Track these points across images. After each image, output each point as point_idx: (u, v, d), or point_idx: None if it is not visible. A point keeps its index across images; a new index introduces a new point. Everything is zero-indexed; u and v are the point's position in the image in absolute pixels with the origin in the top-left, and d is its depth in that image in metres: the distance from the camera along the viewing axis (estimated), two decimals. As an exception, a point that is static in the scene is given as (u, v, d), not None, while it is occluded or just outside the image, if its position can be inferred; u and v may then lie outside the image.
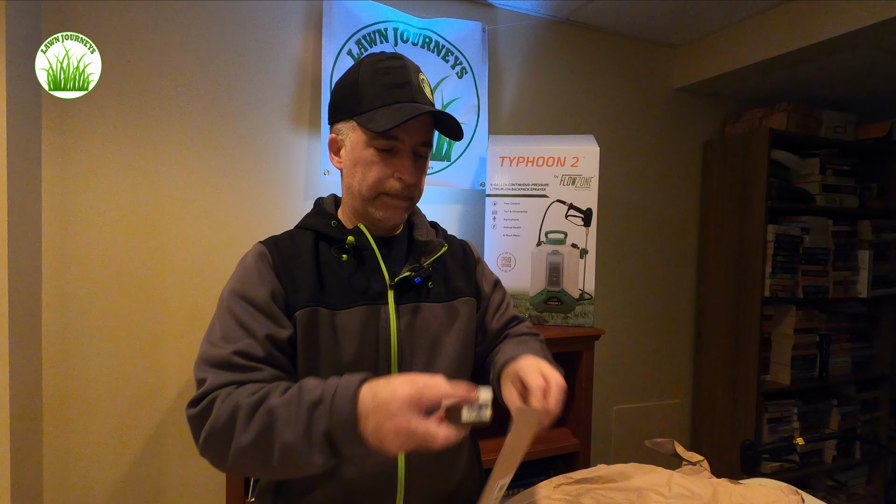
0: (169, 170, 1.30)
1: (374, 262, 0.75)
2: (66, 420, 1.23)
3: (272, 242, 0.77)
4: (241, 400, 0.58)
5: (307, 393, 0.56)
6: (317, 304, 0.70)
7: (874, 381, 2.17)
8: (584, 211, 1.42)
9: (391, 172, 0.73)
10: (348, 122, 0.74)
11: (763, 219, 1.82)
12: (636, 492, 0.75)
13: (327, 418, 0.53)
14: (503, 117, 1.71)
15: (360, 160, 0.73)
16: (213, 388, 0.61)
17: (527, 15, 1.71)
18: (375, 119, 0.69)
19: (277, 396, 0.57)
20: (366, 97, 0.71)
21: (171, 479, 1.33)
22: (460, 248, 0.89)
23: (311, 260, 0.74)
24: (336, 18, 1.40)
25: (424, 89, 0.74)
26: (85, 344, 1.24)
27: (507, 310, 0.89)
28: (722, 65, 1.81)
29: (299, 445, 0.53)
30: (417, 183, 0.76)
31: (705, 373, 2.08)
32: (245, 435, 0.56)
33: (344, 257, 0.74)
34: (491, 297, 0.88)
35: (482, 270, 0.89)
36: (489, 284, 0.89)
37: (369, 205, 0.75)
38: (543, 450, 1.37)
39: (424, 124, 0.73)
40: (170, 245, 1.31)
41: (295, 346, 0.71)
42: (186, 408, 0.62)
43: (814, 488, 2.08)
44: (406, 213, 0.78)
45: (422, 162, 0.77)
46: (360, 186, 0.74)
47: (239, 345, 0.64)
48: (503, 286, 0.93)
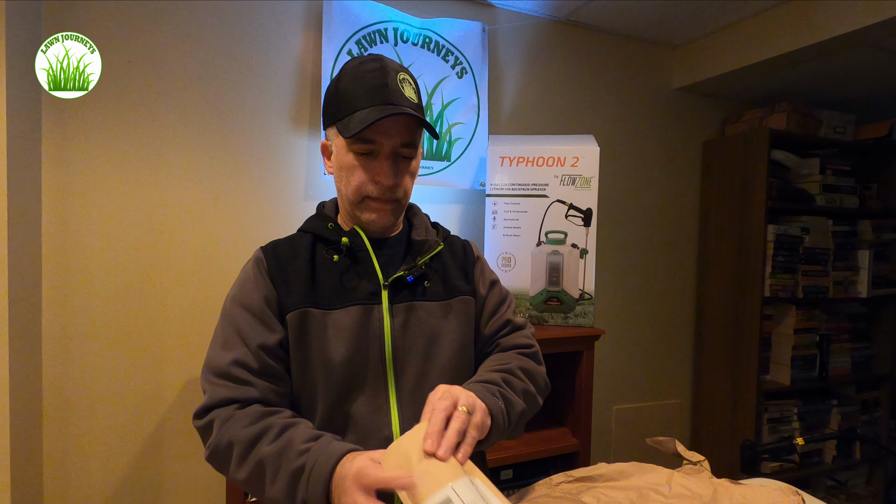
0: (169, 170, 1.30)
1: (369, 263, 0.76)
2: (66, 420, 1.23)
3: (270, 248, 0.78)
4: (236, 434, 0.63)
5: (293, 457, 0.59)
6: (308, 306, 0.72)
7: (874, 381, 2.17)
8: (584, 211, 1.42)
9: (371, 177, 0.73)
10: (332, 128, 0.75)
11: (763, 219, 1.82)
12: (636, 491, 0.75)
13: (304, 489, 0.57)
14: (503, 117, 1.71)
15: (344, 165, 0.74)
16: (213, 404, 0.67)
17: (527, 15, 1.71)
18: (350, 125, 0.70)
19: (269, 444, 0.61)
20: (344, 103, 0.72)
21: (171, 479, 1.33)
22: (461, 247, 0.88)
23: (307, 262, 0.75)
24: (336, 18, 1.40)
25: (404, 90, 0.72)
26: (85, 344, 1.24)
27: (502, 314, 0.85)
28: (722, 65, 1.81)
29: (283, 502, 0.59)
30: (399, 184, 0.75)
31: (705, 373, 2.08)
32: (240, 472, 0.63)
33: (336, 258, 0.75)
34: (486, 298, 0.85)
35: (480, 269, 0.87)
36: (485, 285, 0.86)
37: (356, 209, 0.76)
38: (543, 450, 1.36)
39: (403, 125, 0.72)
40: (170, 245, 1.31)
41: (287, 350, 0.72)
42: (193, 417, 0.69)
43: (814, 488, 2.08)
44: (394, 215, 0.77)
45: (406, 163, 0.75)
46: (346, 191, 0.75)
47: (236, 354, 0.69)
48: (503, 287, 0.90)
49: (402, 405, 0.73)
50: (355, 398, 0.72)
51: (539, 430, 1.45)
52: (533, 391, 0.76)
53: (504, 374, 0.74)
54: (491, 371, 0.74)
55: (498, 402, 0.67)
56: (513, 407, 0.70)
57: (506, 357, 0.79)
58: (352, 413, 0.71)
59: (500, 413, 0.66)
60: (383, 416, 0.71)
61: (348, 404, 0.71)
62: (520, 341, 0.84)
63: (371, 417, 0.71)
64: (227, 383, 0.67)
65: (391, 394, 0.73)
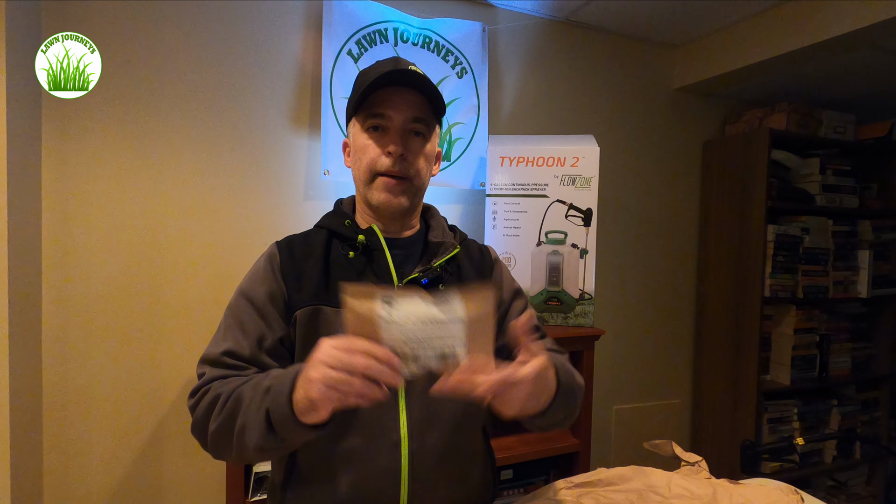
0: (169, 170, 1.30)
1: (384, 262, 0.75)
2: (66, 420, 1.23)
3: (285, 242, 0.78)
4: (218, 390, 0.65)
5: (263, 380, 0.62)
6: (320, 303, 0.71)
7: (874, 381, 2.17)
8: (584, 211, 1.42)
9: (382, 150, 0.74)
10: (351, 122, 0.78)
11: (763, 219, 1.82)
12: (636, 493, 0.75)
13: (269, 400, 0.58)
14: (503, 117, 1.71)
15: (358, 148, 0.76)
16: (205, 383, 0.68)
17: (527, 15, 1.71)
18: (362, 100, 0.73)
19: (244, 384, 0.64)
20: (358, 87, 0.75)
21: (172, 479, 1.33)
22: (477, 250, 0.86)
23: (321, 258, 0.75)
24: (336, 18, 1.40)
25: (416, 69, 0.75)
26: (85, 344, 1.24)
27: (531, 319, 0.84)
28: (722, 65, 1.81)
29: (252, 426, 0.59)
30: (411, 161, 0.75)
31: (705, 373, 2.08)
32: (216, 421, 0.63)
33: (351, 254, 0.74)
34: (512, 303, 0.83)
35: (500, 271, 0.86)
36: (509, 291, 0.84)
37: (368, 190, 0.76)
38: (543, 450, 1.37)
39: (413, 101, 0.74)
40: (170, 245, 1.31)
41: (288, 348, 0.72)
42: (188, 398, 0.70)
43: (814, 488, 2.08)
44: (406, 196, 0.76)
45: (418, 141, 0.76)
46: (359, 173, 0.76)
47: (230, 344, 0.69)
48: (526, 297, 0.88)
49: (411, 408, 0.72)
50: None
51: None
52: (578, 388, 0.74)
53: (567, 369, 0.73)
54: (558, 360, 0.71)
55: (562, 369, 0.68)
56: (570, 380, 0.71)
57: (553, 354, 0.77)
58: (359, 414, 0.70)
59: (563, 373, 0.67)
60: (391, 419, 0.71)
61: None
62: (551, 346, 0.82)
63: (379, 419, 0.70)
64: (220, 370, 0.69)
65: (400, 396, 0.72)
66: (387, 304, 0.53)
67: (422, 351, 0.53)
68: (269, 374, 0.63)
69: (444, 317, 0.53)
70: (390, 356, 0.52)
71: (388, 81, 0.72)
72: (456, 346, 0.53)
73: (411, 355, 0.53)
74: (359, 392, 0.51)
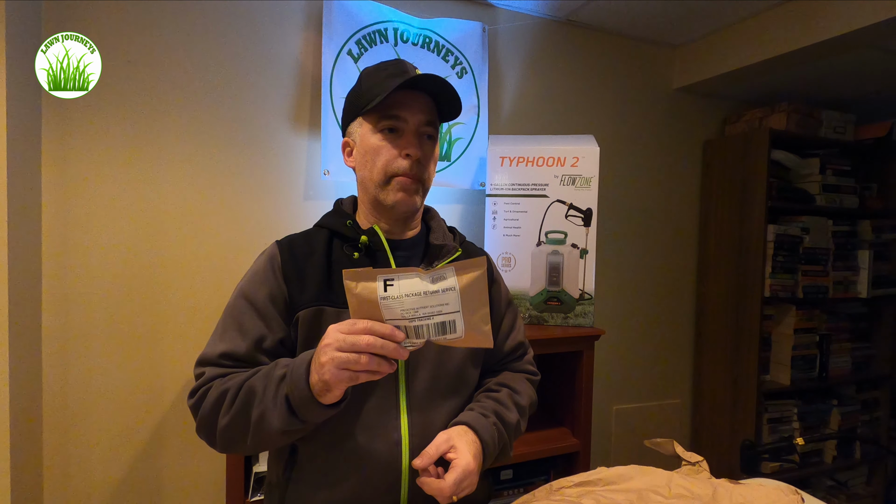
0: (168, 170, 1.30)
1: (386, 264, 0.75)
2: (66, 420, 1.23)
3: (286, 242, 0.78)
4: (223, 385, 0.66)
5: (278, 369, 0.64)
6: (322, 304, 0.71)
7: (874, 381, 2.17)
8: (584, 211, 1.42)
9: (399, 151, 0.74)
10: (356, 121, 0.77)
11: (763, 219, 1.82)
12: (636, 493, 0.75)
13: (287, 385, 0.61)
14: (503, 117, 1.71)
15: (370, 149, 0.75)
16: (203, 383, 0.69)
17: (527, 15, 1.71)
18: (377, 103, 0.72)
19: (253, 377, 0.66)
20: (367, 91, 0.74)
21: (172, 479, 1.33)
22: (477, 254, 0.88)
23: (323, 259, 0.74)
24: (336, 18, 1.40)
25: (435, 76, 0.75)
26: (85, 344, 1.24)
27: (516, 336, 0.89)
28: (722, 65, 1.81)
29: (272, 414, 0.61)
30: (424, 162, 0.76)
31: (705, 373, 2.08)
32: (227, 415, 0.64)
33: (356, 255, 0.74)
34: (503, 318, 0.87)
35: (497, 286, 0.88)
36: (503, 302, 0.88)
37: (381, 192, 0.75)
38: (543, 450, 1.36)
39: (424, 104, 0.75)
40: (170, 245, 1.31)
41: (289, 348, 0.72)
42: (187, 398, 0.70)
43: (814, 488, 2.08)
44: (417, 197, 0.77)
45: (430, 145, 0.77)
46: (371, 174, 0.75)
47: (228, 345, 0.70)
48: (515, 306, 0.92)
49: (412, 410, 0.72)
50: (365, 399, 0.71)
51: (539, 430, 1.45)
52: (523, 426, 0.83)
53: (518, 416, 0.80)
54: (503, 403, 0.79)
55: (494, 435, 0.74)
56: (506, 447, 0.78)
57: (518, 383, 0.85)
58: (361, 414, 0.70)
59: (493, 445, 0.73)
60: (392, 420, 0.71)
61: (358, 405, 0.71)
62: (527, 368, 0.89)
63: (380, 420, 0.71)
64: (218, 370, 0.69)
65: (401, 397, 0.72)
66: (387, 283, 0.56)
67: (422, 322, 0.57)
68: (277, 364, 0.65)
69: (439, 288, 0.56)
70: (393, 331, 0.56)
71: (411, 85, 0.72)
72: (454, 316, 0.57)
73: (412, 328, 0.57)
74: (367, 369, 0.56)
